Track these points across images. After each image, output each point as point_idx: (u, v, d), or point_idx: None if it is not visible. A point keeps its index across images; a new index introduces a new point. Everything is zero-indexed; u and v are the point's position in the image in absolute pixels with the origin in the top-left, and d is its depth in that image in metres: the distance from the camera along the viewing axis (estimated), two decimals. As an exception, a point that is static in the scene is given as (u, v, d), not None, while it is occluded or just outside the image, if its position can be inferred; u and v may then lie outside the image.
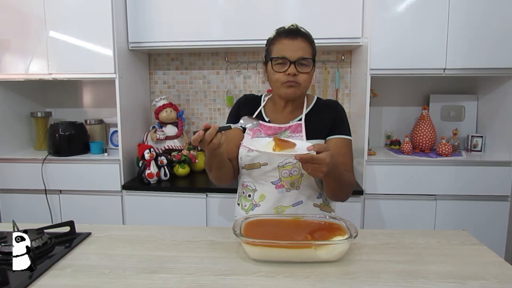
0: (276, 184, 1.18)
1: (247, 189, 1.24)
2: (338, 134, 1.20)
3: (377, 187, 1.97)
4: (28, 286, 0.82)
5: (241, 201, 1.27)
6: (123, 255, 0.98)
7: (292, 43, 1.13)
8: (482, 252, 0.99)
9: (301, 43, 1.14)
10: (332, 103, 1.26)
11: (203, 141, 0.97)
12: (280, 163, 1.17)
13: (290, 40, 1.13)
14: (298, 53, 1.12)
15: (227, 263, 0.93)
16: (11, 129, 2.27)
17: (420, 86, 2.35)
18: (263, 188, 1.20)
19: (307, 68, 1.14)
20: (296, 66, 1.12)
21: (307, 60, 1.13)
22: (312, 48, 1.17)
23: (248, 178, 1.23)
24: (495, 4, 1.82)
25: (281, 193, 1.18)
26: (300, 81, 1.14)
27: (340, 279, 0.85)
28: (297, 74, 1.13)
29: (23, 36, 2.03)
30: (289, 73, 1.12)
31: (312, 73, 1.17)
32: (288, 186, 1.18)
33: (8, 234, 1.05)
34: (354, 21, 1.99)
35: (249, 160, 1.20)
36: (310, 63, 1.14)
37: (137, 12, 2.09)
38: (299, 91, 1.16)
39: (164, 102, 2.30)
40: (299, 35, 1.15)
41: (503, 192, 1.93)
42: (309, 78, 1.16)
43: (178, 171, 2.19)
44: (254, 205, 1.22)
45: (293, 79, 1.13)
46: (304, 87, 1.16)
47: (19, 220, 1.11)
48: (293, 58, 1.12)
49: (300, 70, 1.13)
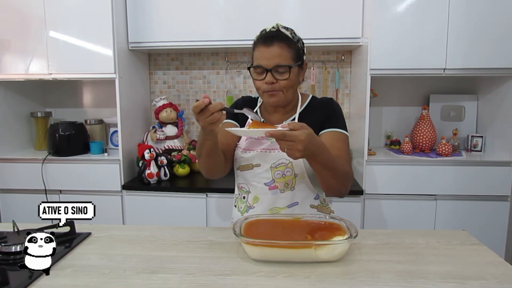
0: (270, 185, 1.17)
1: (242, 190, 1.24)
2: (331, 127, 1.16)
3: (377, 187, 1.97)
4: (28, 286, 0.82)
5: (237, 203, 1.27)
6: (123, 255, 0.98)
7: (267, 51, 1.08)
8: (482, 252, 0.99)
9: (277, 49, 1.08)
10: (326, 100, 1.22)
11: (205, 111, 0.92)
12: (272, 164, 1.15)
13: (265, 48, 1.09)
14: (273, 61, 1.08)
15: (227, 263, 0.93)
16: (11, 129, 2.27)
17: (420, 86, 2.35)
18: (257, 189, 1.19)
19: (285, 75, 1.09)
20: (273, 74, 1.09)
21: (283, 67, 1.08)
22: (293, 51, 1.11)
23: (242, 180, 1.23)
24: (495, 4, 1.82)
25: (275, 195, 1.17)
26: (280, 88, 1.10)
27: (340, 279, 0.85)
28: (275, 82, 1.10)
29: (23, 36, 2.03)
30: (266, 82, 1.09)
31: (295, 77, 1.12)
32: (282, 187, 1.16)
33: (8, 234, 1.05)
34: (354, 21, 1.99)
35: (242, 161, 1.19)
36: (286, 69, 1.09)
37: (137, 12, 2.09)
38: (282, 97, 1.12)
39: (164, 102, 2.30)
40: (276, 39, 1.09)
41: (503, 192, 1.93)
42: (290, 83, 1.11)
43: (178, 171, 2.19)
44: (248, 207, 1.21)
45: (271, 88, 1.10)
46: (287, 92, 1.12)
47: (19, 220, 1.11)
48: (269, 66, 1.08)
49: (278, 77, 1.09)
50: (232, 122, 1.27)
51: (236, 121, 1.27)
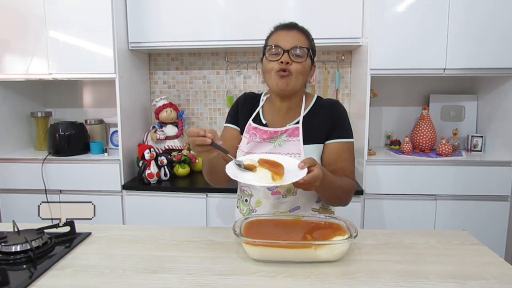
0: (272, 190, 1.17)
1: (244, 193, 1.24)
2: (338, 138, 1.15)
3: (377, 187, 1.97)
4: (28, 286, 0.82)
5: (239, 205, 1.27)
6: (123, 255, 0.98)
7: (287, 33, 1.12)
8: (482, 252, 0.99)
9: (297, 34, 1.13)
10: (332, 103, 1.20)
11: (193, 141, 0.95)
12: None
13: (286, 31, 1.13)
14: (292, 42, 1.10)
15: (227, 263, 0.93)
16: (11, 129, 2.27)
17: (420, 86, 2.35)
18: (259, 194, 1.19)
19: (301, 59, 1.10)
20: (290, 56, 1.09)
21: (301, 49, 1.10)
22: (309, 41, 1.15)
23: None
24: (495, 4, 1.82)
25: (277, 200, 1.17)
26: (292, 71, 1.09)
27: (340, 279, 0.85)
28: (290, 63, 1.09)
29: (23, 36, 2.03)
30: (282, 61, 1.09)
31: (307, 67, 1.14)
32: (284, 192, 1.16)
33: (8, 234, 1.05)
34: (354, 21, 1.99)
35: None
36: (304, 53, 1.11)
37: (137, 12, 2.09)
38: (291, 82, 1.11)
39: (164, 102, 2.30)
40: (296, 28, 1.15)
41: (503, 192, 1.93)
42: (303, 70, 1.11)
43: (178, 171, 2.19)
44: (251, 210, 1.21)
45: (285, 67, 1.09)
46: (296, 78, 1.11)
47: (19, 220, 1.11)
48: (287, 46, 1.09)
49: (294, 59, 1.10)
50: (232, 126, 1.27)
51: (236, 125, 1.26)
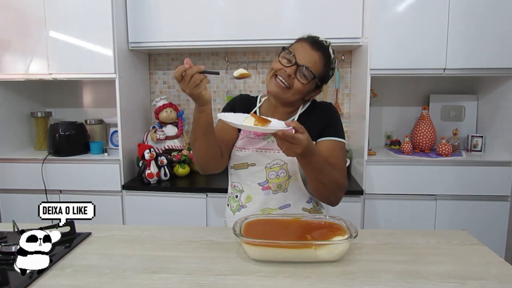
0: (263, 185, 1.17)
1: (235, 189, 1.24)
2: (330, 136, 1.16)
3: (377, 187, 1.97)
4: (28, 286, 0.82)
5: (230, 202, 1.27)
6: (123, 255, 0.98)
7: (309, 51, 1.10)
8: (482, 252, 0.99)
9: (318, 56, 1.10)
10: (326, 105, 1.23)
11: (185, 76, 0.95)
12: (267, 164, 1.16)
13: (310, 47, 1.11)
14: (308, 61, 1.09)
15: (227, 263, 0.92)
16: (11, 129, 2.27)
17: (420, 86, 2.35)
18: (250, 189, 1.19)
19: (305, 80, 1.10)
20: (297, 71, 1.09)
21: (310, 73, 1.09)
22: (324, 70, 1.14)
23: (236, 179, 1.23)
24: (495, 5, 1.82)
25: (267, 195, 1.17)
26: (292, 86, 1.10)
27: (340, 279, 0.85)
28: (293, 77, 1.10)
29: (23, 36, 2.03)
30: (286, 71, 1.09)
31: (308, 89, 1.13)
32: (275, 188, 1.17)
33: (8, 234, 1.05)
34: (354, 21, 1.99)
35: (237, 160, 1.19)
36: (310, 78, 1.10)
37: (137, 12, 2.09)
38: (284, 94, 1.12)
39: (164, 102, 2.30)
40: (322, 50, 1.11)
41: (503, 192, 1.93)
42: (303, 90, 1.11)
43: (178, 171, 2.19)
44: (240, 206, 1.21)
45: (285, 77, 1.09)
46: (293, 95, 1.12)
47: (19, 220, 1.10)
48: (301, 61, 1.08)
49: (299, 77, 1.10)
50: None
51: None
